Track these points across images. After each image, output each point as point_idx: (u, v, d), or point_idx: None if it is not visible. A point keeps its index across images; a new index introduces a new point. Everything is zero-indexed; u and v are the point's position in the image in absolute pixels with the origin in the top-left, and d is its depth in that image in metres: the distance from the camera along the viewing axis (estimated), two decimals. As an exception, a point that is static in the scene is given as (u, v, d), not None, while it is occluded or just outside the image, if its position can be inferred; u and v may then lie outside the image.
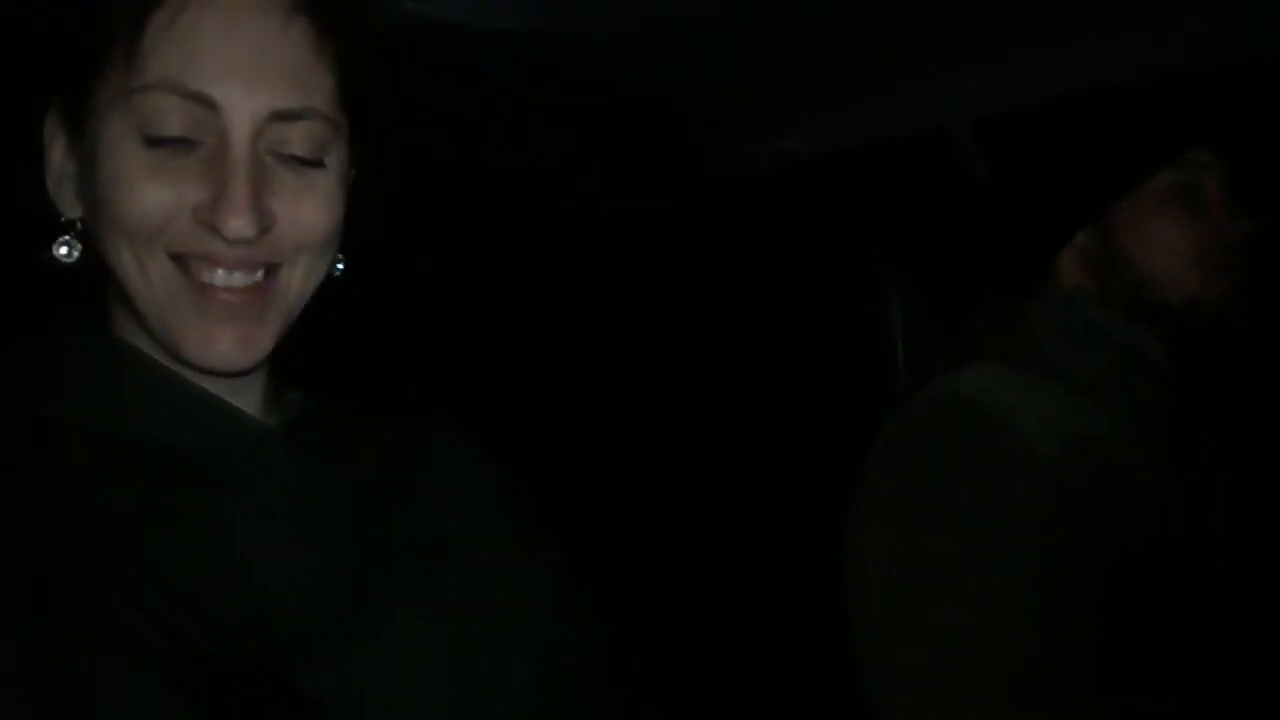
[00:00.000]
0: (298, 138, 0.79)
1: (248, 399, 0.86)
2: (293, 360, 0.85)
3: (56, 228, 0.82)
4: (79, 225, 0.82)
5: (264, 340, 0.81)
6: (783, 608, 1.91)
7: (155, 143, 0.76)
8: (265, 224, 0.77)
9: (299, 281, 0.82)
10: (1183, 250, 1.22)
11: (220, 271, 0.78)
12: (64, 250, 0.82)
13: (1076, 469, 1.13)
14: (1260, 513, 1.20)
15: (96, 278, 0.83)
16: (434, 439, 0.97)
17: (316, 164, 0.81)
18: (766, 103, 1.85)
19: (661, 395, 2.36)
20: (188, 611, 0.75)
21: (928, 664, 1.12)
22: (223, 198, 0.76)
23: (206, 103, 0.76)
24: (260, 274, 0.80)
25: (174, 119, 0.76)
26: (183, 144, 0.77)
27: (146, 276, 0.78)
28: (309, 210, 0.80)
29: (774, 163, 1.95)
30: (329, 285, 0.86)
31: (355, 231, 0.86)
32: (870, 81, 1.74)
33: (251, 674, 0.75)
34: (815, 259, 2.10)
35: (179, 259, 0.78)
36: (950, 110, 1.59)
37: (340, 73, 0.82)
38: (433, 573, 0.88)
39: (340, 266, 0.87)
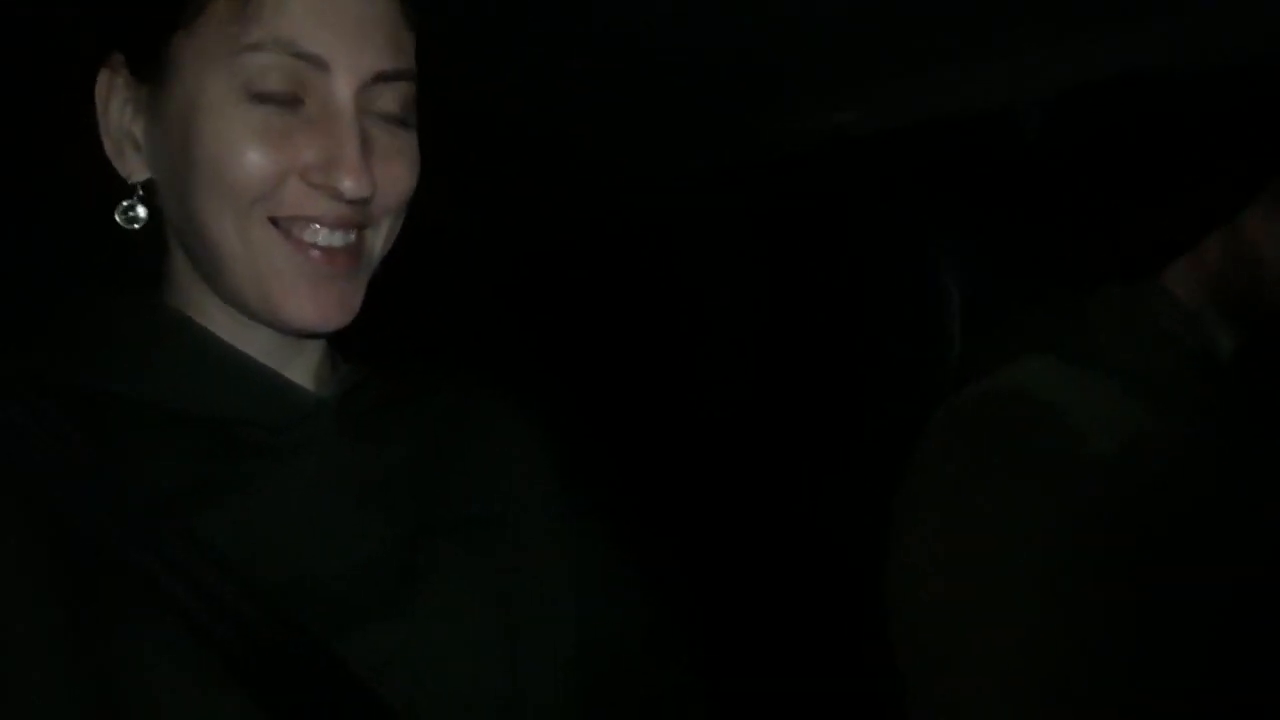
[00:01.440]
0: (393, 98, 0.81)
1: (301, 371, 0.86)
2: (346, 330, 0.84)
3: (116, 191, 0.81)
4: (140, 189, 0.81)
5: (357, 300, 0.82)
6: (821, 594, 1.90)
7: (262, 101, 0.76)
8: (375, 185, 0.78)
9: (382, 244, 0.83)
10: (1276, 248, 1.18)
11: (322, 231, 0.78)
12: (131, 214, 0.81)
13: (1130, 469, 1.11)
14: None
15: (151, 244, 0.82)
16: (481, 410, 0.96)
17: (407, 125, 0.82)
18: (820, 74, 1.82)
19: (706, 376, 2.34)
20: (234, 582, 0.75)
21: (969, 659, 1.10)
22: (339, 158, 0.76)
23: (317, 63, 0.76)
24: (353, 235, 0.80)
25: (283, 78, 0.76)
26: (286, 104, 0.76)
27: (246, 242, 0.77)
28: (401, 172, 0.81)
29: (829, 137, 1.92)
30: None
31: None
32: (931, 54, 1.70)
33: (296, 645, 0.76)
34: (871, 241, 2.07)
35: (278, 223, 0.78)
36: (1019, 88, 1.55)
37: (417, 33, 0.83)
38: (478, 544, 0.88)
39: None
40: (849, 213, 2.07)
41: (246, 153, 0.76)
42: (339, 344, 0.89)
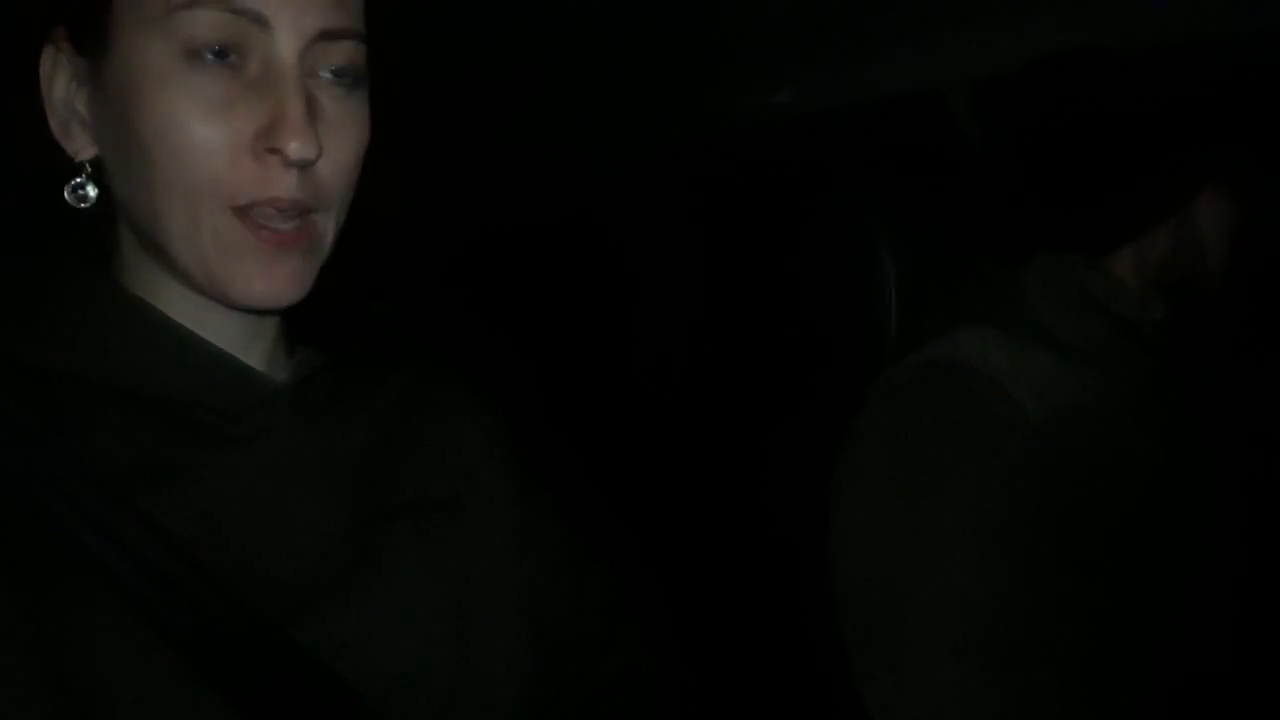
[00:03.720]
0: (340, 58, 0.78)
1: (257, 356, 0.84)
2: (304, 315, 0.83)
3: (61, 170, 0.79)
4: (89, 167, 0.79)
5: (308, 277, 0.79)
6: (766, 571, 1.92)
7: (201, 63, 0.73)
8: (319, 146, 0.75)
9: (334, 225, 0.81)
10: (1222, 231, 1.21)
11: (275, 216, 0.76)
12: (80, 193, 0.79)
13: (1064, 435, 1.14)
14: (1245, 494, 1.22)
15: (103, 221, 0.80)
16: (437, 394, 0.96)
17: (355, 89, 0.79)
18: (757, 55, 1.83)
19: (646, 351, 2.35)
20: (185, 566, 0.74)
21: (910, 627, 1.13)
22: (282, 119, 0.73)
23: (257, 20, 0.73)
24: (299, 219, 0.77)
25: (220, 35, 0.73)
26: (228, 68, 0.74)
27: (194, 220, 0.75)
28: (349, 137, 0.79)
29: (766, 117, 1.93)
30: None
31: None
32: (863, 37, 1.72)
33: (248, 628, 0.75)
34: (807, 217, 2.09)
35: (240, 210, 0.75)
36: (945, 72, 1.58)
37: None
38: (433, 527, 0.88)
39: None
40: (786, 191, 2.10)
41: (190, 124, 0.73)
42: (294, 330, 0.88)
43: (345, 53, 0.78)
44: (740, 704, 1.86)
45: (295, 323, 0.88)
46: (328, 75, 0.77)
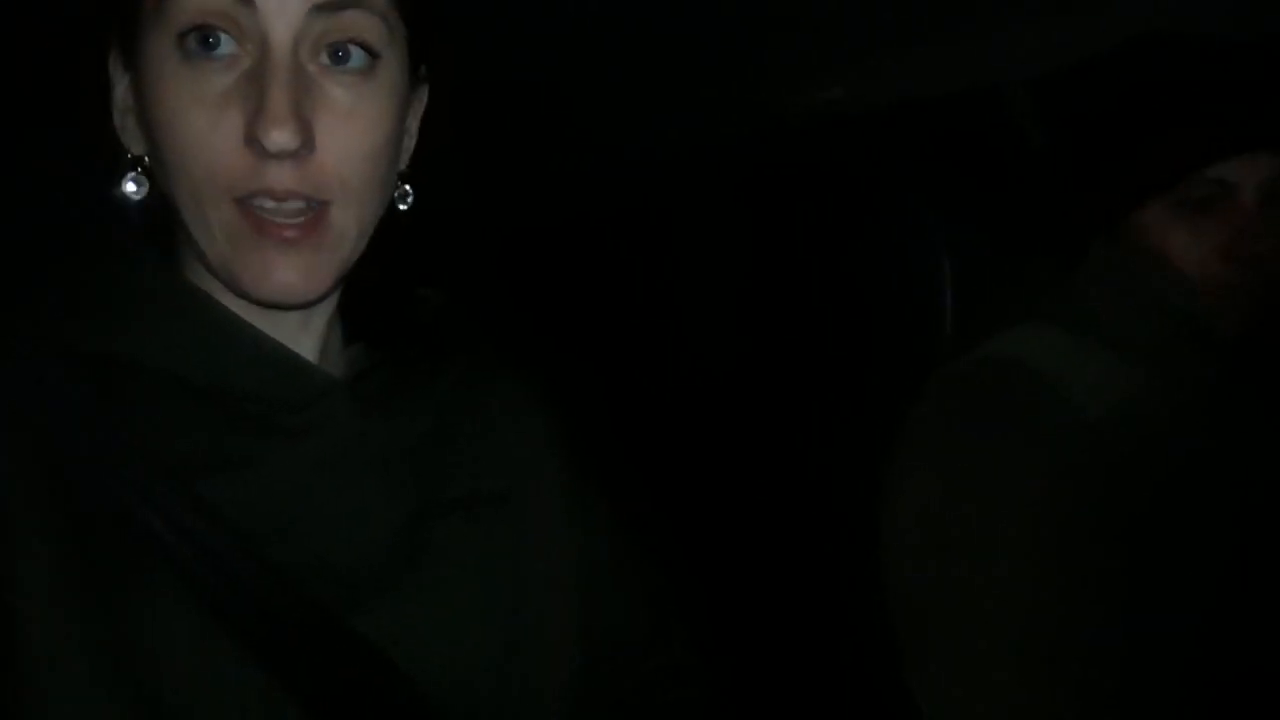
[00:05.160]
0: (340, 34, 0.74)
1: (311, 348, 0.85)
2: (356, 310, 0.83)
3: (123, 164, 0.80)
4: (146, 161, 0.80)
5: (324, 273, 0.77)
6: (815, 566, 1.91)
7: (192, 57, 0.72)
8: (307, 135, 0.72)
9: (355, 220, 0.78)
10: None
11: (270, 203, 0.74)
12: (131, 187, 0.80)
13: (1124, 436, 1.12)
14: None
15: (164, 216, 0.81)
16: (490, 387, 0.96)
17: (367, 72, 0.75)
18: (810, 50, 1.82)
19: (698, 347, 2.35)
20: (244, 554, 0.75)
21: (964, 625, 1.12)
22: (264, 106, 0.71)
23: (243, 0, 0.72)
24: (309, 209, 0.76)
25: (203, 19, 0.72)
26: (220, 59, 0.73)
27: (205, 218, 0.75)
28: (353, 128, 0.75)
29: (820, 112, 1.92)
30: (394, 222, 0.83)
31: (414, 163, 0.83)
32: (917, 32, 1.70)
33: (304, 616, 0.76)
34: (862, 212, 2.07)
35: (241, 202, 0.75)
36: (1002, 67, 1.56)
37: None
38: (484, 521, 0.88)
39: (408, 200, 0.84)
40: (839, 188, 2.08)
41: (187, 119, 0.72)
42: (349, 324, 0.89)
43: (348, 26, 0.74)
44: (787, 701, 1.86)
45: (349, 317, 0.88)
46: (330, 58, 0.74)
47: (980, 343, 1.24)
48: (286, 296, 0.77)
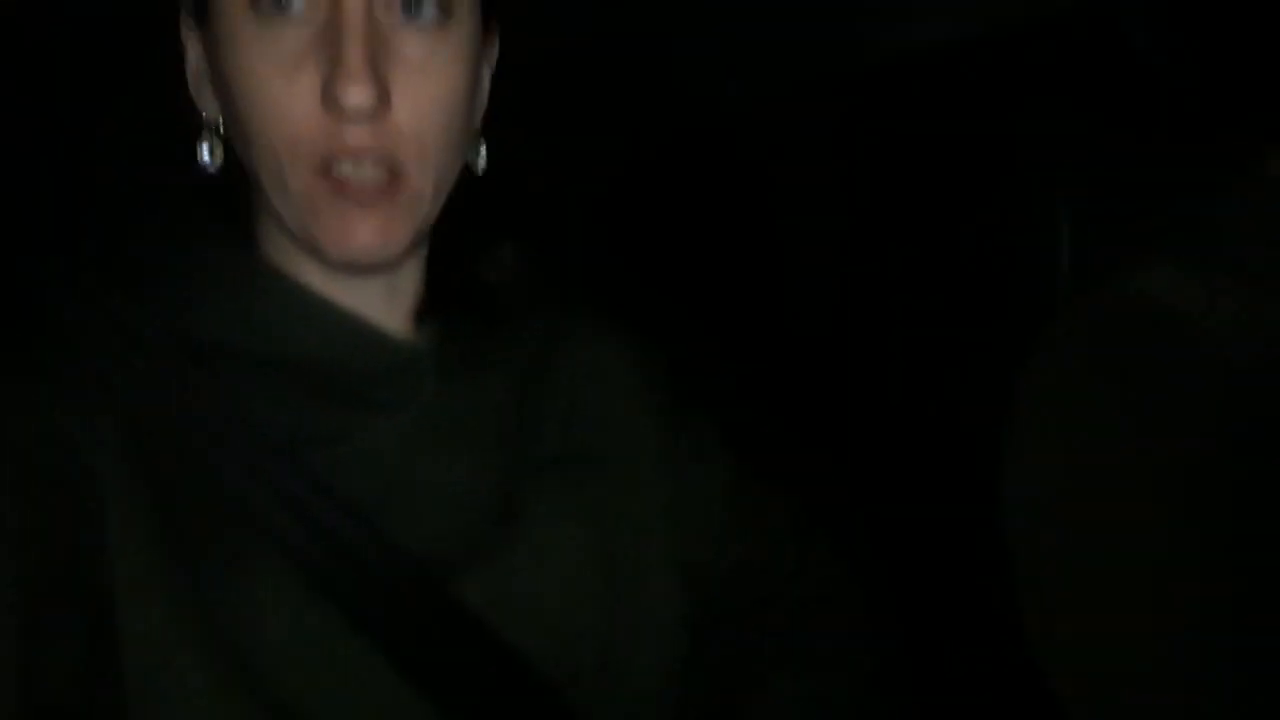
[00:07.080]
0: None
1: (399, 318, 0.85)
2: (440, 275, 0.83)
3: (198, 128, 0.80)
4: (220, 127, 0.80)
5: (401, 232, 0.77)
6: (930, 528, 1.86)
7: (265, 18, 0.72)
8: (384, 92, 0.71)
9: (431, 179, 0.77)
10: None
11: (347, 164, 0.74)
12: (207, 157, 0.80)
13: (1270, 380, 1.05)
14: None
15: (242, 187, 0.81)
16: (579, 343, 0.95)
17: (437, 24, 0.74)
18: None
19: (800, 300, 2.30)
20: (353, 525, 0.75)
21: (1091, 584, 1.06)
22: (339, 64, 0.70)
23: None
24: (385, 170, 0.75)
25: None
26: (292, 19, 0.72)
27: (282, 182, 0.75)
28: (427, 83, 0.74)
29: (927, 48, 1.85)
30: (472, 182, 0.82)
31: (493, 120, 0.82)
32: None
33: (410, 584, 0.76)
34: (971, 153, 1.99)
35: (319, 165, 0.74)
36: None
37: None
38: (575, 481, 0.88)
39: (483, 158, 0.83)
40: (946, 126, 2.00)
41: (264, 83, 0.72)
42: (432, 290, 0.88)
43: None
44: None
45: (432, 282, 0.88)
46: (404, 12, 0.73)
47: (1101, 286, 1.17)
48: (365, 256, 0.76)
